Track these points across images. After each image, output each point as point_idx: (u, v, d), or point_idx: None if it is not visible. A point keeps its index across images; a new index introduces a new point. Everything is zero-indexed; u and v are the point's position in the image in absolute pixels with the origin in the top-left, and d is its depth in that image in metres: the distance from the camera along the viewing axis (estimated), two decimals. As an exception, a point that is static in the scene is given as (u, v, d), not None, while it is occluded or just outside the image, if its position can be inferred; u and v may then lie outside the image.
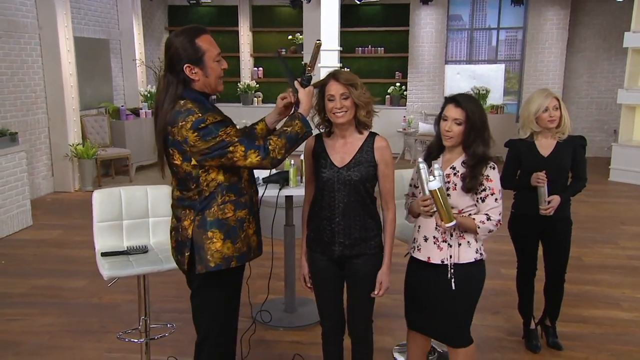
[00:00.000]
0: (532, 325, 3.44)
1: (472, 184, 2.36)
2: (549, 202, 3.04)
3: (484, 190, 2.38)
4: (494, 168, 2.39)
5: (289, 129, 2.19)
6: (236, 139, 2.09)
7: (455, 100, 2.38)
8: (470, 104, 2.36)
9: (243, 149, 2.09)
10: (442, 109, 2.44)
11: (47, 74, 7.21)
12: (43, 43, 7.13)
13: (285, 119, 2.43)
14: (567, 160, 3.15)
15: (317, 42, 2.25)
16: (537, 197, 3.06)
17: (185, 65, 2.11)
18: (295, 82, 2.29)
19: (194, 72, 2.12)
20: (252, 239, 2.31)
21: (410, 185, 2.62)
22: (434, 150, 2.51)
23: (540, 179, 3.00)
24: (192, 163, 2.13)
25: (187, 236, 2.22)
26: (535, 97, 3.11)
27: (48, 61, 7.17)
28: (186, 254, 2.24)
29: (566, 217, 3.23)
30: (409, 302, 2.61)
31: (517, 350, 3.39)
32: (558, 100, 3.07)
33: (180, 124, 2.07)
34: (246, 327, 3.17)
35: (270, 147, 2.11)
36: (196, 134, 2.05)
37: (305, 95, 2.27)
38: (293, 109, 2.32)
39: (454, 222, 2.28)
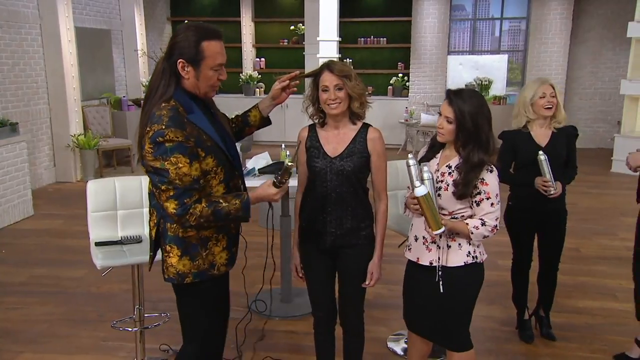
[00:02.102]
0: (526, 316, 3.46)
1: (463, 191, 2.23)
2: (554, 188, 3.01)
3: (479, 193, 2.24)
4: (491, 171, 2.25)
5: (224, 204, 1.99)
6: (177, 181, 1.91)
7: (449, 97, 2.26)
8: (465, 103, 2.21)
9: (171, 194, 1.93)
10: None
11: (48, 65, 7.24)
12: (44, 33, 7.14)
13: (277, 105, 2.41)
14: (562, 150, 3.15)
15: (289, 164, 2.07)
16: (536, 191, 3.05)
17: (179, 60, 1.98)
18: (273, 181, 2.11)
19: (186, 69, 2.00)
20: (219, 256, 2.15)
21: None
22: (437, 143, 2.41)
23: (545, 184, 3.00)
24: None
25: (152, 237, 2.17)
26: (531, 84, 3.13)
27: (49, 51, 7.19)
28: (150, 254, 2.22)
29: (562, 208, 3.23)
30: (406, 302, 2.53)
31: (511, 341, 3.40)
32: (553, 87, 3.06)
33: (147, 128, 1.94)
34: (242, 317, 3.20)
35: (191, 211, 1.94)
36: (151, 146, 1.92)
37: (264, 190, 2.10)
38: (276, 178, 2.10)
39: (442, 229, 2.17)
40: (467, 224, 2.25)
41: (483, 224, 2.24)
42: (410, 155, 2.27)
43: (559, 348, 3.32)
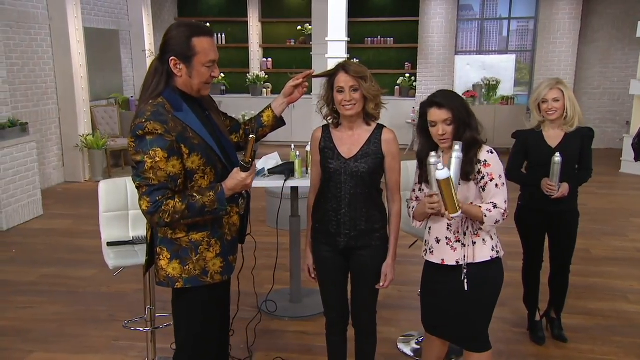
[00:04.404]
0: (537, 317, 3.44)
1: (467, 169, 2.23)
2: (558, 188, 3.00)
3: (483, 178, 2.26)
4: (491, 152, 2.27)
5: (198, 197, 1.95)
6: (151, 174, 1.89)
7: (436, 103, 2.26)
8: (451, 101, 2.26)
9: (144, 191, 1.91)
10: (422, 115, 2.32)
11: (57, 65, 7.27)
12: (53, 34, 7.18)
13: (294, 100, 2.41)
14: (575, 152, 3.12)
15: (251, 137, 2.05)
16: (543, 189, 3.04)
17: (171, 58, 1.97)
18: (240, 165, 2.06)
19: (178, 67, 1.98)
20: (212, 263, 2.08)
21: (414, 190, 2.49)
22: (424, 159, 2.31)
23: (549, 187, 3.01)
24: None
25: (148, 239, 2.17)
26: (540, 86, 3.12)
27: (58, 52, 7.23)
28: (145, 257, 2.20)
29: (573, 209, 3.21)
30: (425, 306, 2.52)
31: (522, 342, 3.38)
32: (562, 91, 3.03)
33: (132, 124, 1.95)
34: (252, 317, 3.21)
35: (163, 208, 1.90)
36: (133, 140, 1.91)
37: (234, 177, 2.03)
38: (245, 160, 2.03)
39: (459, 213, 2.16)
40: (480, 206, 2.25)
41: (495, 207, 2.24)
42: (432, 154, 2.20)
43: (571, 350, 3.30)
